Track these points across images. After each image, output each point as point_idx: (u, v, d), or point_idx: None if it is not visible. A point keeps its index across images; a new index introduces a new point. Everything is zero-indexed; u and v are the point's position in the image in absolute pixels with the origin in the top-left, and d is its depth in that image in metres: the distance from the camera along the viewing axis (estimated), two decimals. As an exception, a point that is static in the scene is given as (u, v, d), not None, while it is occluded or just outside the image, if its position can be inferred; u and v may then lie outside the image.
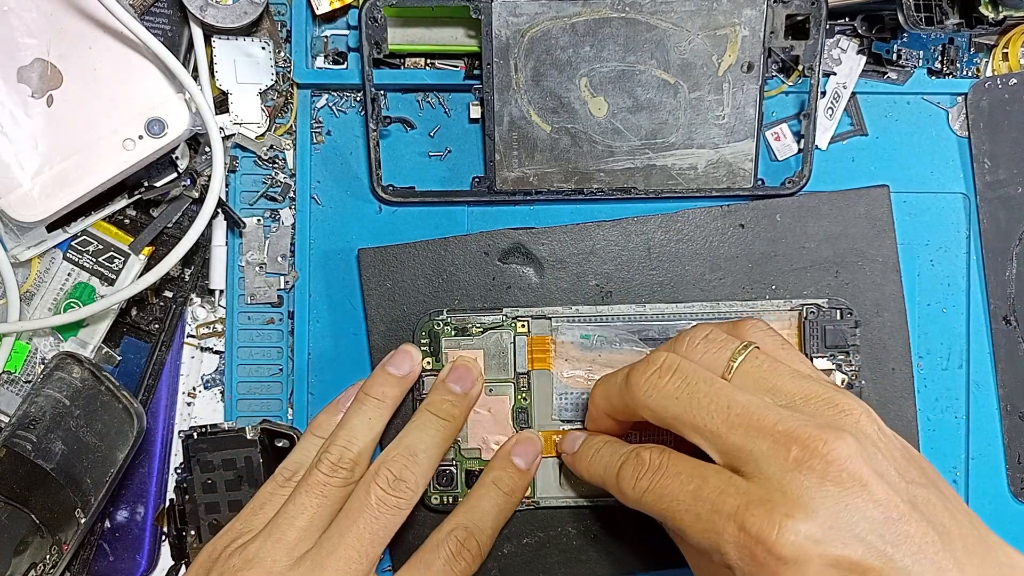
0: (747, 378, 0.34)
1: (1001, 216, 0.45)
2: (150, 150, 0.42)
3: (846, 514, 0.29)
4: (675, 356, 0.35)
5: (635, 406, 0.35)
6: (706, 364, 0.35)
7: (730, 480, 0.31)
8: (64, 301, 0.45)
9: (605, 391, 0.38)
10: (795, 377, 0.33)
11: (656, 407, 0.34)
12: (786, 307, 0.43)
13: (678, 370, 0.34)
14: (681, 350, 0.36)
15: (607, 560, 0.44)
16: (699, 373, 0.34)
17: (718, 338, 0.35)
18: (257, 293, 0.45)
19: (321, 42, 0.46)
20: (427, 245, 0.44)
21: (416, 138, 0.46)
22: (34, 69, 0.41)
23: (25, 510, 0.40)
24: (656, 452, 0.35)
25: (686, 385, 0.34)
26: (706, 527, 0.31)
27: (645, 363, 0.35)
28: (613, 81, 0.43)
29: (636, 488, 0.34)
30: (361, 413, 0.40)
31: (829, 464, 0.30)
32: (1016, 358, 0.45)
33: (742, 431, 0.32)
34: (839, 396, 0.32)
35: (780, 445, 0.30)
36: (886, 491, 0.30)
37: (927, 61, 0.45)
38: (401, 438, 0.40)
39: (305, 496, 0.38)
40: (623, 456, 0.36)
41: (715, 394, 0.33)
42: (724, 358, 0.35)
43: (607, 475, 0.37)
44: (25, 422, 0.41)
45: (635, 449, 0.36)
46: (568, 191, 0.44)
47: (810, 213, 0.44)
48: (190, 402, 0.47)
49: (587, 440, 0.40)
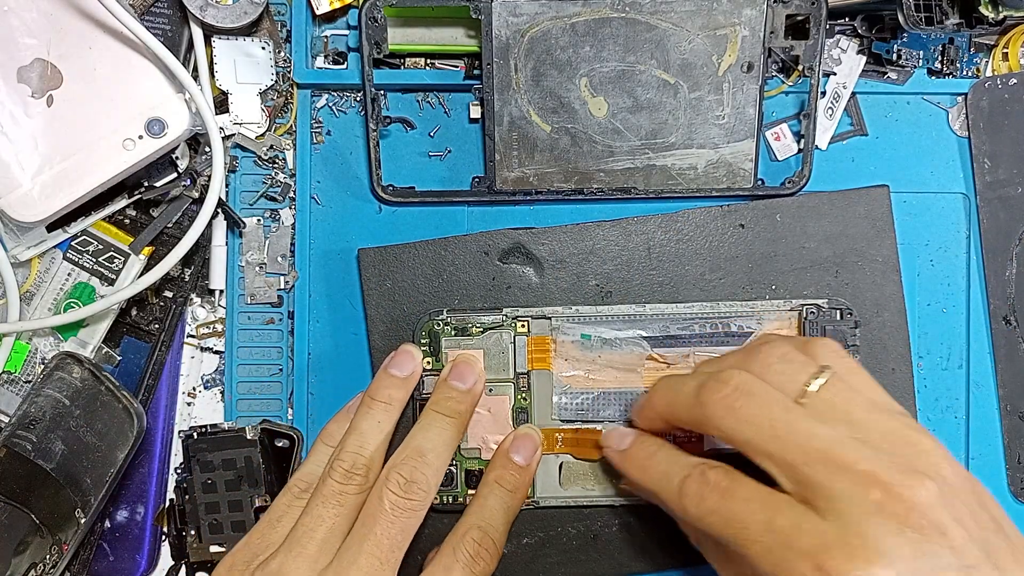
0: (824, 406, 0.33)
1: (1001, 216, 0.45)
2: (150, 150, 0.42)
3: (924, 562, 0.29)
4: (750, 377, 0.34)
5: (705, 424, 0.35)
6: (781, 386, 0.34)
7: (805, 516, 0.31)
8: (64, 301, 0.45)
9: (671, 398, 0.37)
10: (872, 409, 0.33)
11: (728, 430, 0.33)
12: (786, 307, 0.43)
13: (754, 394, 0.33)
14: (755, 369, 0.35)
15: (607, 560, 0.44)
16: (775, 399, 0.33)
17: (795, 360, 0.35)
18: (257, 293, 0.46)
19: (321, 42, 0.46)
20: (427, 245, 0.44)
21: (416, 138, 0.46)
22: (34, 69, 0.41)
23: (25, 510, 0.40)
24: (723, 473, 0.34)
25: (762, 411, 0.33)
26: (777, 561, 0.30)
27: (718, 382, 0.34)
28: (613, 81, 0.43)
29: (701, 507, 0.34)
30: (369, 417, 0.40)
31: (911, 510, 0.29)
32: (1016, 358, 0.45)
33: (820, 466, 0.31)
34: (917, 435, 0.32)
35: (860, 486, 0.30)
36: (963, 538, 0.29)
37: (927, 61, 0.45)
38: (409, 440, 0.40)
39: (321, 507, 0.38)
40: (686, 470, 0.35)
41: (792, 424, 0.32)
42: (800, 381, 0.34)
43: (665, 485, 0.36)
44: (25, 422, 0.41)
45: (700, 465, 0.35)
46: (568, 191, 0.44)
47: (810, 213, 0.44)
48: (190, 402, 0.47)
49: (640, 440, 0.39)
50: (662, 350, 0.43)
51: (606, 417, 0.43)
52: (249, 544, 0.38)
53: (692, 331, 0.43)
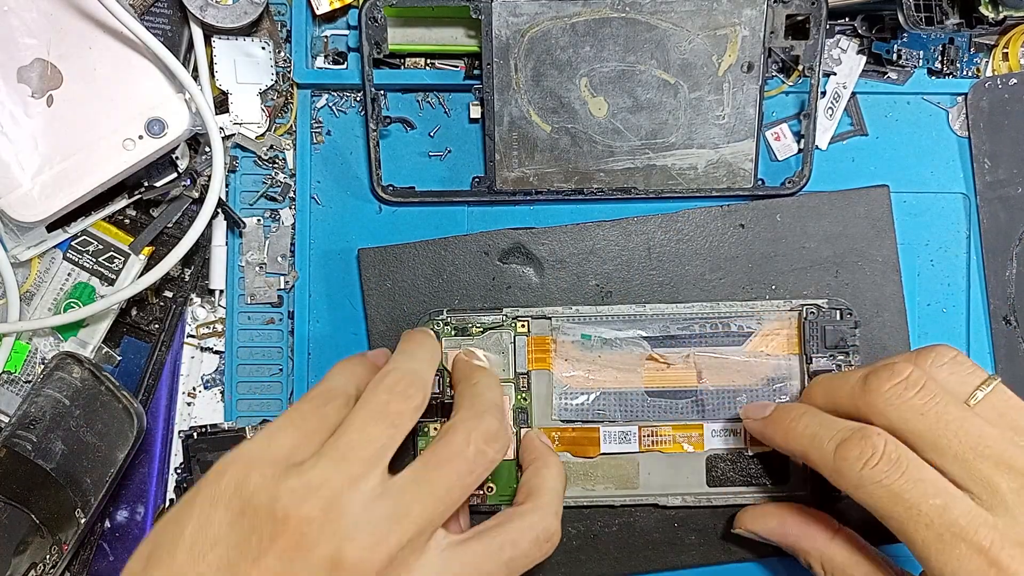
0: (992, 411, 0.34)
1: (1001, 216, 0.45)
2: (150, 150, 0.42)
3: None
4: (921, 371, 0.34)
5: (869, 411, 0.34)
6: (950, 386, 0.34)
7: (978, 510, 0.31)
8: (64, 301, 0.45)
9: (830, 388, 0.37)
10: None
11: (897, 419, 0.34)
12: (786, 307, 0.43)
13: (925, 387, 0.34)
14: (925, 366, 0.35)
15: (607, 560, 0.44)
16: (947, 395, 0.34)
17: (966, 364, 0.35)
18: (257, 293, 0.46)
19: (321, 42, 0.46)
20: (427, 245, 0.44)
21: (416, 138, 0.46)
22: (34, 69, 0.41)
23: (25, 510, 0.40)
24: (892, 442, 0.33)
25: (935, 404, 0.33)
26: (947, 549, 0.31)
27: (889, 371, 0.34)
28: (613, 81, 0.43)
29: (865, 475, 0.33)
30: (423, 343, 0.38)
31: None
32: (1016, 358, 0.45)
33: (992, 463, 0.32)
34: None
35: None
36: None
37: (927, 61, 0.45)
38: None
39: (374, 425, 0.33)
40: (844, 431, 0.34)
41: (965, 419, 0.33)
42: (971, 385, 0.34)
43: (815, 445, 0.35)
44: (25, 422, 0.41)
45: (862, 429, 0.34)
46: (568, 191, 0.44)
47: (810, 213, 0.44)
48: (190, 402, 0.47)
49: (782, 407, 0.39)
50: (662, 350, 0.43)
51: (606, 417, 0.43)
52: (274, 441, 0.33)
53: (692, 331, 0.43)
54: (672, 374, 0.43)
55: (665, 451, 0.43)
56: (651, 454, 0.43)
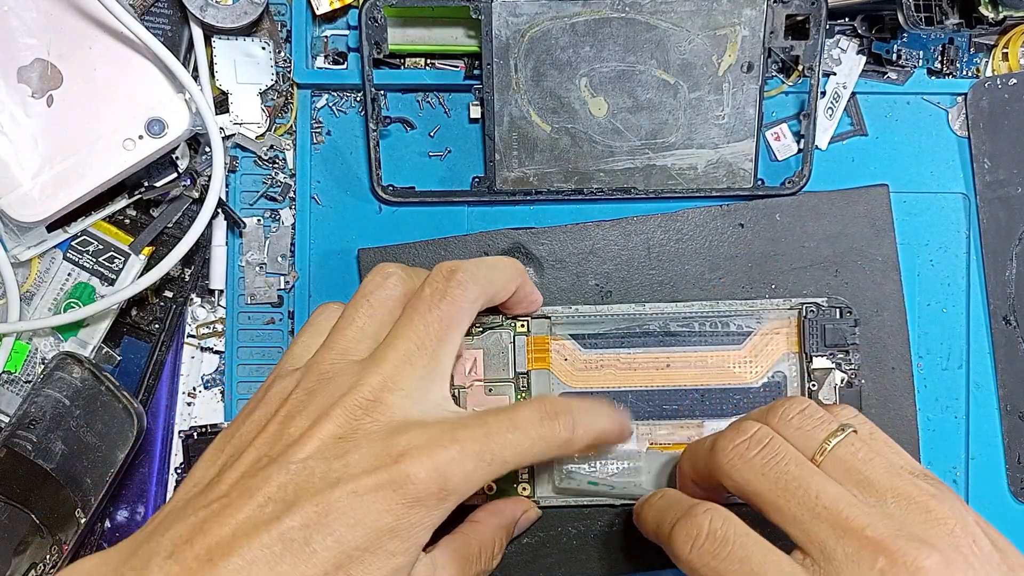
0: (840, 465, 0.32)
1: (1001, 216, 0.45)
2: (150, 150, 0.42)
3: None
4: (767, 429, 0.34)
5: (718, 474, 0.34)
6: (798, 441, 0.33)
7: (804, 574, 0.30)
8: (64, 301, 0.45)
9: (691, 455, 0.37)
10: (889, 473, 0.32)
11: (739, 480, 0.33)
12: (785, 306, 0.43)
13: (768, 445, 0.33)
14: (773, 422, 0.34)
15: (607, 560, 0.44)
16: (790, 453, 0.33)
17: (815, 415, 0.34)
18: (257, 293, 0.46)
19: (321, 42, 0.46)
20: (427, 245, 0.44)
21: (416, 138, 0.46)
22: (34, 69, 0.41)
23: (25, 510, 0.40)
24: (719, 518, 0.32)
25: (775, 463, 0.32)
26: None
27: (734, 431, 0.34)
28: (613, 81, 0.43)
29: (693, 556, 0.32)
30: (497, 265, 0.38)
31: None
32: (1016, 358, 0.45)
33: (827, 526, 0.30)
34: (933, 502, 0.31)
35: (866, 552, 0.29)
36: None
37: (927, 61, 0.45)
38: None
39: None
40: (680, 512, 0.34)
41: (804, 479, 0.32)
42: (818, 438, 0.33)
43: (660, 530, 0.35)
44: (25, 422, 0.41)
45: (691, 508, 0.33)
46: (568, 191, 0.44)
47: (810, 213, 0.44)
48: (190, 402, 0.47)
49: (655, 492, 0.39)
50: (662, 349, 0.43)
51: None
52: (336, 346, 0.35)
53: (692, 330, 0.43)
54: (672, 373, 0.43)
55: (665, 450, 0.43)
56: (651, 453, 0.43)
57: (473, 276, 0.36)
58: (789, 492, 0.32)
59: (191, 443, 0.44)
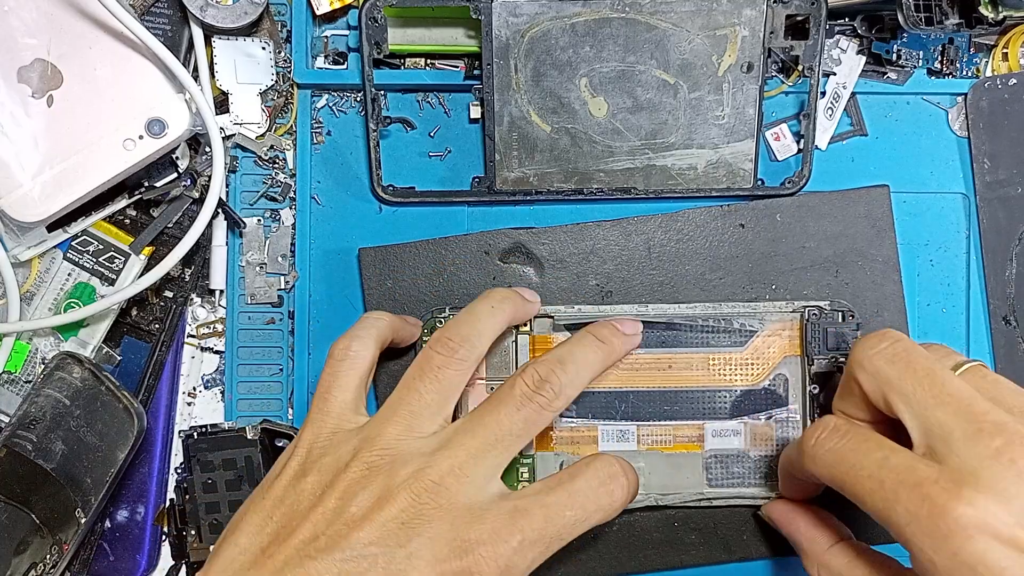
0: (969, 383, 0.33)
1: (1001, 216, 0.45)
2: (150, 150, 0.42)
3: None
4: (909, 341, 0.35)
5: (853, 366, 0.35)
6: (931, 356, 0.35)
7: (921, 459, 0.31)
8: (64, 301, 0.45)
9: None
10: (1015, 393, 0.33)
11: (872, 369, 0.34)
12: (788, 308, 0.43)
13: (900, 340, 0.34)
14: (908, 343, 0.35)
15: (607, 560, 0.44)
16: (920, 351, 0.34)
17: (943, 348, 0.36)
18: (257, 293, 0.46)
19: (321, 42, 0.46)
20: (427, 245, 0.44)
21: (416, 138, 0.46)
22: (34, 69, 0.41)
23: (25, 510, 0.40)
24: (843, 419, 0.35)
25: (906, 353, 0.34)
26: (887, 495, 0.31)
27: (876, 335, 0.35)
28: (613, 81, 0.43)
29: (816, 446, 0.34)
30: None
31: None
32: (1016, 358, 0.45)
33: (951, 409, 0.31)
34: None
35: (985, 434, 0.30)
36: None
37: (927, 61, 0.45)
38: (553, 349, 0.38)
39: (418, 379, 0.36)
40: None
41: (933, 369, 0.33)
42: (952, 360, 0.35)
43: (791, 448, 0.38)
44: (25, 422, 0.41)
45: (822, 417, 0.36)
46: (568, 191, 0.44)
47: (810, 213, 0.44)
48: (190, 402, 0.47)
49: None
50: (663, 350, 0.43)
51: (606, 417, 0.43)
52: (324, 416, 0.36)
53: (693, 331, 0.43)
54: (673, 374, 0.43)
55: (665, 451, 0.43)
56: (651, 454, 0.43)
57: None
58: (917, 376, 0.33)
59: (191, 443, 0.44)
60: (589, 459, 0.37)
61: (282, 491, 0.34)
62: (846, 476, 0.33)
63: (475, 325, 0.38)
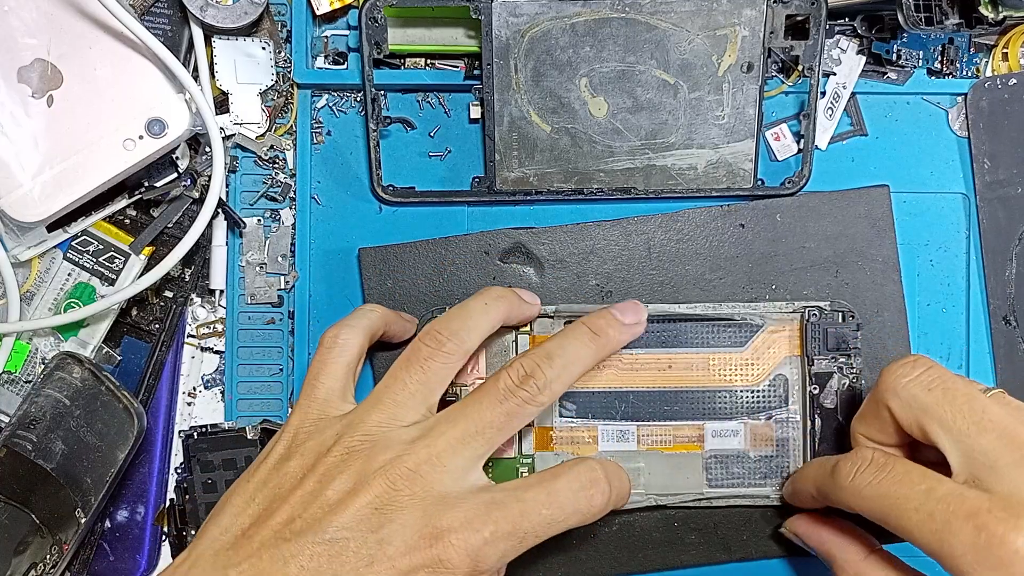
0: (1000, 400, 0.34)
1: (1001, 216, 0.45)
2: (150, 150, 0.42)
3: None
4: (929, 359, 0.35)
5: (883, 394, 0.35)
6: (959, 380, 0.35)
7: (966, 487, 0.31)
8: (64, 301, 0.45)
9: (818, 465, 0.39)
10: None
11: (906, 396, 0.34)
12: (788, 309, 0.43)
13: (934, 367, 0.34)
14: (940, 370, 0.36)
15: (607, 560, 0.44)
16: (955, 376, 0.34)
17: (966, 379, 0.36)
18: (257, 293, 0.46)
19: (321, 42, 0.46)
20: (427, 245, 0.44)
21: (416, 138, 0.46)
22: (34, 69, 0.41)
23: (25, 510, 0.40)
24: (880, 452, 0.35)
25: (941, 381, 0.34)
26: (938, 527, 0.31)
27: (900, 360, 0.35)
28: (613, 81, 0.43)
29: (856, 482, 0.34)
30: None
31: None
32: (1016, 358, 0.45)
33: (994, 436, 0.32)
34: None
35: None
36: None
37: (927, 61, 0.45)
38: (544, 342, 0.38)
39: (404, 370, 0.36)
40: (840, 456, 0.36)
41: (971, 396, 0.33)
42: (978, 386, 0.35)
43: (819, 474, 0.37)
44: (25, 422, 0.41)
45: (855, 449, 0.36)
46: (568, 191, 0.44)
47: (810, 213, 0.44)
48: (190, 402, 0.47)
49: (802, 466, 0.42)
50: (663, 350, 0.43)
51: (605, 417, 0.43)
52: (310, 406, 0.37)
53: (694, 331, 0.43)
54: (673, 374, 0.43)
55: (665, 451, 0.43)
56: (651, 454, 0.43)
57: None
58: (956, 404, 0.33)
59: (191, 443, 0.44)
60: (574, 461, 0.36)
61: (266, 474, 0.35)
62: (891, 510, 0.33)
63: (466, 320, 0.38)
